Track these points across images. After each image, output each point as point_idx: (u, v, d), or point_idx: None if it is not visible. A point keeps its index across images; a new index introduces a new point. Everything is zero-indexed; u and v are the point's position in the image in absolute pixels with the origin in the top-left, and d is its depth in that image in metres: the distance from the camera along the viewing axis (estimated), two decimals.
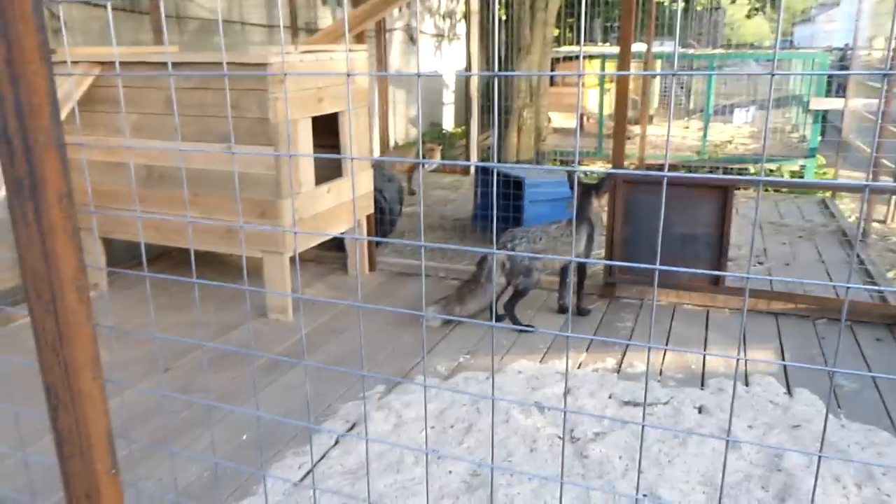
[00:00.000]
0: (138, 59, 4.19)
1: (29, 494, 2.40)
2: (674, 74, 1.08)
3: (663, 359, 3.64)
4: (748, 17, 19.80)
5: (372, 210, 4.88)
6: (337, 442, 2.87)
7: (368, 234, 4.75)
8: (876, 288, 4.40)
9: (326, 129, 4.45)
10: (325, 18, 8.54)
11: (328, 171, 4.64)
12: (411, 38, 11.32)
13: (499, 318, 4.06)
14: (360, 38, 4.63)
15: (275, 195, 3.89)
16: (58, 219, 0.98)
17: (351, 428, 2.98)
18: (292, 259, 4.28)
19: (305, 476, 2.64)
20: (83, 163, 3.79)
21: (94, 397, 1.04)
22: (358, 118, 4.52)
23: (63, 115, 3.33)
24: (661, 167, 8.79)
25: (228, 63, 3.94)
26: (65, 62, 3.69)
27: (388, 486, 2.56)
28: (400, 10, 10.77)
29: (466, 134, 8.20)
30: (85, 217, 4.42)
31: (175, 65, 3.94)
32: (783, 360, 3.64)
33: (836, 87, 13.70)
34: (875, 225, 6.63)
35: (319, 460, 2.74)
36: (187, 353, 3.65)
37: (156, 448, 2.77)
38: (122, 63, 4.03)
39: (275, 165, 3.84)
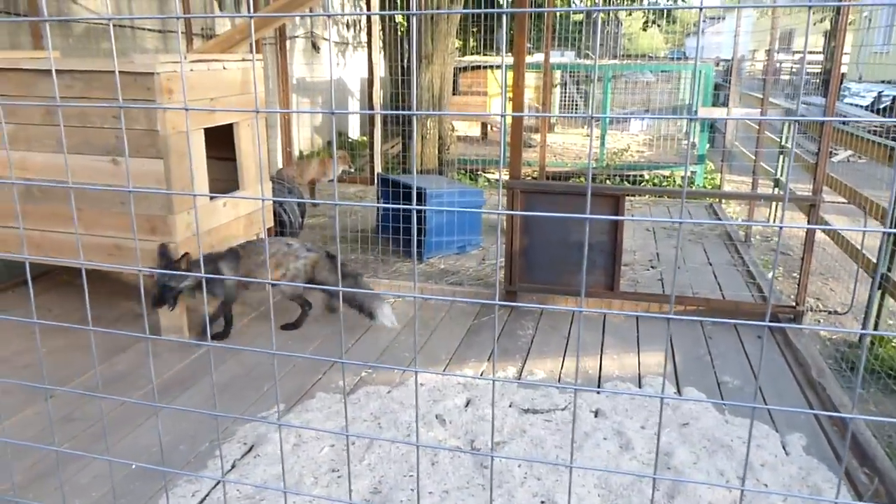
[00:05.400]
0: (12, 66, 3.92)
1: None
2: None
3: (562, 364, 3.74)
4: (643, 29, 20.73)
5: (272, 223, 4.76)
6: (234, 466, 2.77)
7: None
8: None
9: (222, 141, 4.31)
10: (223, 24, 8.29)
11: (225, 184, 4.49)
12: (314, 46, 11.16)
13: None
14: (255, 47, 4.52)
15: (166, 210, 3.73)
16: None
17: (248, 451, 2.89)
18: None
19: None
20: None
21: None
22: (252, 129, 4.40)
23: None
24: (560, 175, 9.06)
25: (112, 72, 3.75)
26: None
27: None
28: (301, 16, 10.59)
29: (370, 143, 8.15)
30: None
31: (57, 72, 3.70)
32: (674, 360, 3.82)
33: (722, 97, 14.55)
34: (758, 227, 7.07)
35: (214, 487, 2.64)
36: (73, 378, 3.44)
37: (35, 482, 2.58)
38: None
39: (165, 179, 3.68)
